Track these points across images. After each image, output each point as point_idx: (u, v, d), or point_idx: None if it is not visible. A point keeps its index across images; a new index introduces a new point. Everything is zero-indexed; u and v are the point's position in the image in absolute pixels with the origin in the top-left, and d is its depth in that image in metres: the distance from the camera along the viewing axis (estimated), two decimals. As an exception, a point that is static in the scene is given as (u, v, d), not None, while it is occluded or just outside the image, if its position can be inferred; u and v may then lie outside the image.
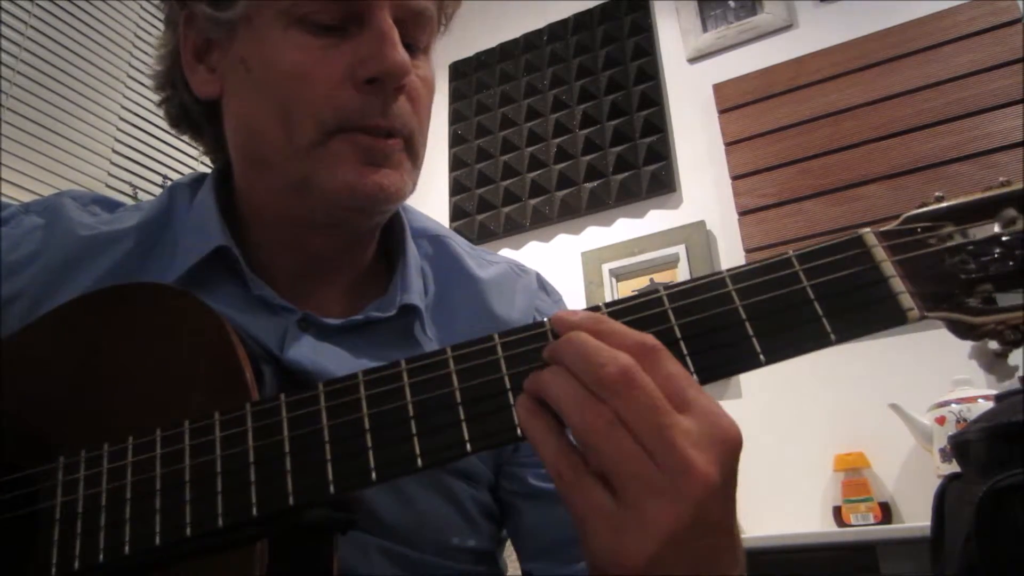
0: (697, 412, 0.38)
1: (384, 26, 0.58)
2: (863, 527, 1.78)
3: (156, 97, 0.71)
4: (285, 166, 0.59)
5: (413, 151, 0.63)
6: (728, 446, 0.38)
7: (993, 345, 0.37)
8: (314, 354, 0.59)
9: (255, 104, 0.60)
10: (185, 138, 0.74)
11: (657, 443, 0.37)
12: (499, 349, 0.43)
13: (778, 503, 2.00)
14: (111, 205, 0.71)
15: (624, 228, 2.55)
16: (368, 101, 0.58)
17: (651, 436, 0.37)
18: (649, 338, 0.40)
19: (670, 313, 0.43)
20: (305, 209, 0.61)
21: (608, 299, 2.45)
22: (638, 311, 0.43)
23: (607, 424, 0.38)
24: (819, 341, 0.41)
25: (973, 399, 1.74)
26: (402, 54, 0.58)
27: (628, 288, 2.46)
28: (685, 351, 0.42)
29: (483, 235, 2.74)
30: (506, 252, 2.68)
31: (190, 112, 0.69)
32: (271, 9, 0.59)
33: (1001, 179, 0.39)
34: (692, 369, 0.41)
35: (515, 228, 2.71)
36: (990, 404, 1.66)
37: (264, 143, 0.60)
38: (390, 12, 0.59)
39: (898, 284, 0.41)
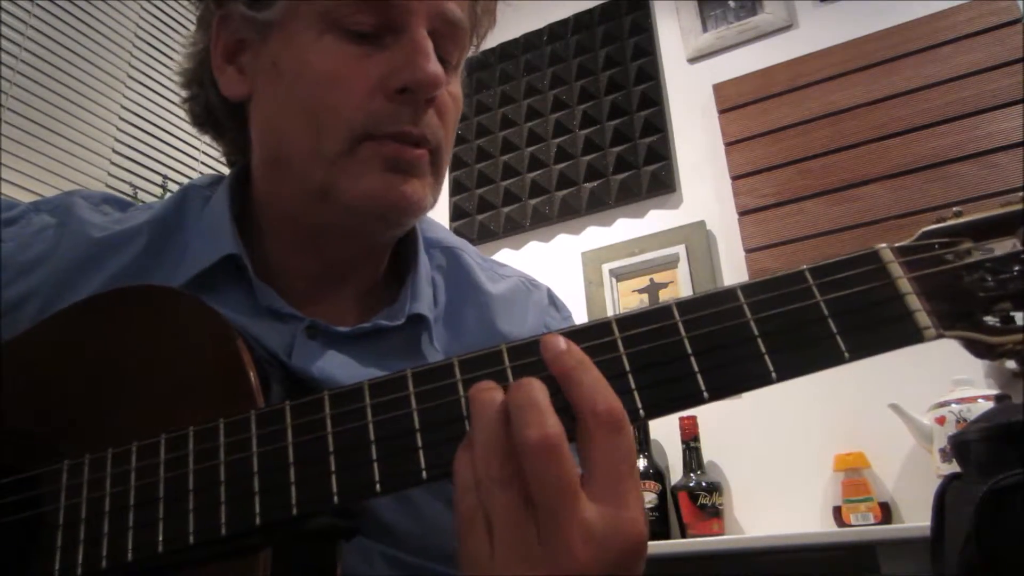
0: (611, 505, 0.37)
1: (419, 37, 0.58)
2: (863, 527, 1.78)
3: (157, 96, 0.71)
4: (310, 171, 0.59)
5: (437, 165, 0.63)
6: (624, 552, 0.37)
7: (1011, 364, 0.37)
8: (321, 361, 0.58)
9: (284, 107, 0.60)
10: (186, 138, 0.74)
11: (547, 519, 0.36)
12: (506, 359, 0.43)
13: (778, 503, 2.00)
14: (123, 205, 0.71)
15: (624, 228, 2.55)
16: (398, 110, 0.58)
17: (545, 510, 0.37)
18: (616, 411, 0.39)
19: (680, 327, 0.42)
20: (326, 216, 0.61)
21: (608, 299, 2.45)
22: (648, 323, 0.43)
23: (504, 477, 0.38)
24: (833, 359, 0.40)
25: (973, 399, 1.74)
26: (436, 66, 0.58)
27: (628, 288, 2.45)
28: (696, 368, 0.41)
29: (483, 235, 2.74)
30: (506, 252, 2.68)
31: (215, 112, 0.68)
32: (308, 13, 0.59)
33: (1021, 194, 0.39)
34: (703, 386, 0.41)
35: (515, 228, 2.71)
36: (990, 404, 1.66)
37: (290, 147, 0.60)
38: (426, 24, 0.59)
39: (914, 302, 0.40)
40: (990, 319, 0.38)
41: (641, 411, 0.41)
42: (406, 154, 0.59)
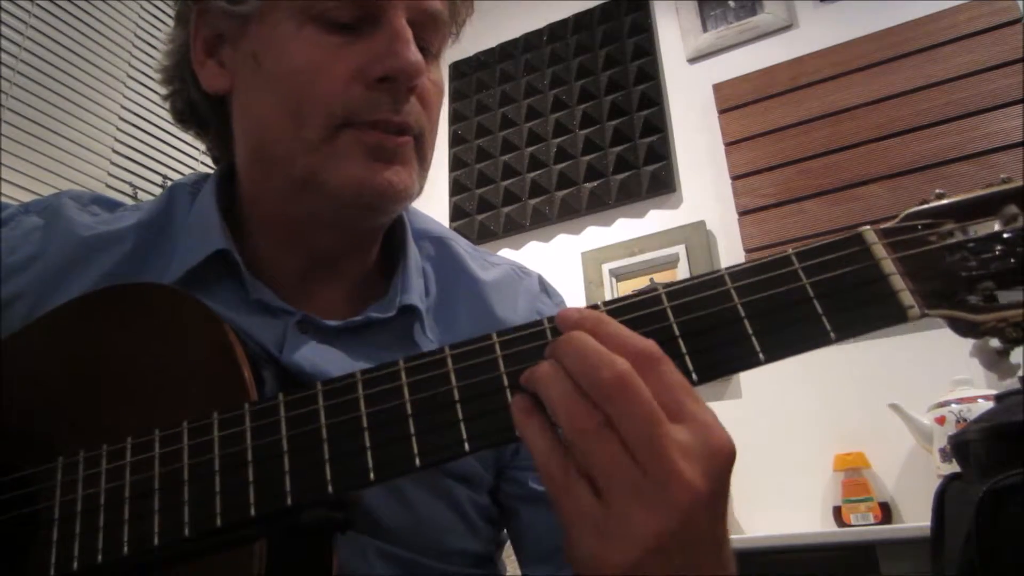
0: (692, 423, 0.38)
1: (399, 26, 0.58)
2: (863, 527, 1.78)
3: (156, 96, 0.71)
4: (293, 161, 0.59)
5: (422, 152, 0.63)
6: (720, 459, 0.37)
7: (994, 343, 0.37)
8: (313, 356, 0.58)
9: (265, 99, 0.60)
10: (186, 138, 0.74)
11: (646, 451, 0.37)
12: (497, 348, 0.43)
13: (778, 503, 2.00)
14: (111, 205, 0.71)
15: (624, 228, 2.55)
16: (379, 98, 0.58)
17: (641, 444, 0.37)
18: (651, 345, 0.39)
19: (668, 311, 0.42)
20: (311, 207, 0.61)
21: (608, 298, 2.47)
22: (636, 309, 0.43)
23: (596, 427, 0.38)
24: (819, 340, 0.40)
25: (973, 399, 1.74)
26: (416, 54, 0.58)
27: (628, 288, 2.45)
28: (684, 350, 0.41)
29: (483, 235, 2.74)
30: (506, 252, 2.68)
31: (197, 107, 0.68)
32: (286, 5, 0.59)
33: (1002, 176, 0.39)
34: (691, 368, 0.41)
35: (515, 228, 2.71)
36: (990, 404, 1.66)
37: (273, 138, 0.60)
38: (405, 14, 0.59)
39: (898, 282, 0.40)
40: (973, 298, 0.39)
41: None
42: (388, 142, 0.59)
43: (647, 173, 2.54)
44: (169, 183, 2.38)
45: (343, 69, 0.58)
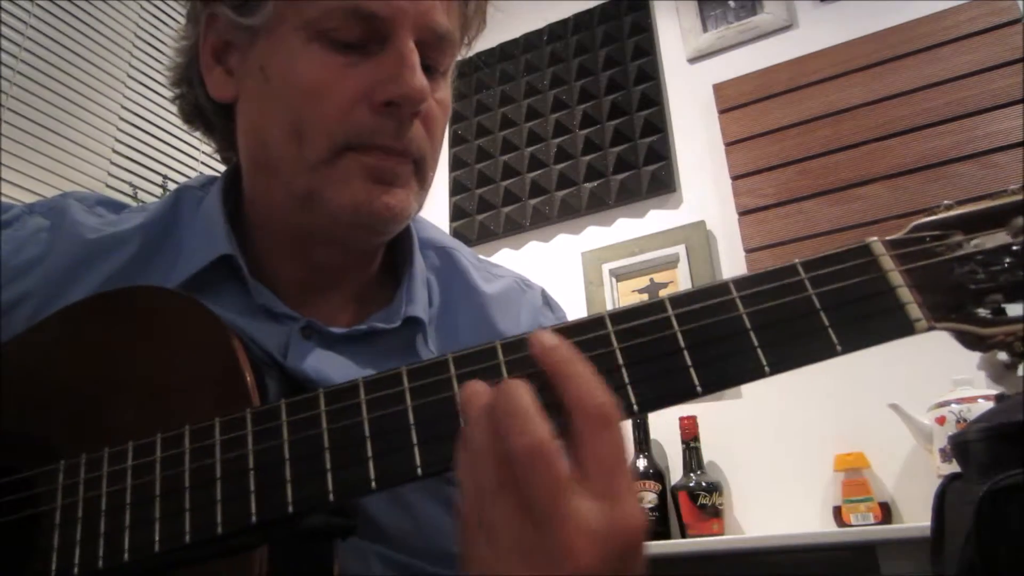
0: (605, 500, 0.37)
1: (405, 50, 0.58)
2: (863, 527, 1.78)
3: (157, 96, 0.71)
4: (293, 179, 0.59)
5: (422, 173, 0.63)
6: (621, 541, 0.37)
7: (1002, 356, 0.37)
8: (317, 362, 0.59)
9: (269, 114, 0.60)
10: (186, 138, 0.74)
11: (545, 521, 0.36)
12: (500, 355, 0.43)
13: (778, 503, 2.00)
14: (116, 207, 0.71)
15: (624, 228, 2.55)
16: (382, 123, 0.58)
17: (542, 512, 0.36)
18: (608, 406, 0.38)
19: (673, 320, 0.42)
20: (312, 221, 0.61)
21: (608, 298, 2.46)
22: (641, 316, 0.43)
23: (496, 488, 0.37)
24: (825, 352, 0.40)
25: (973, 399, 1.73)
26: (421, 80, 0.57)
27: (628, 288, 2.45)
28: (689, 362, 0.41)
29: (483, 235, 2.74)
30: (506, 252, 2.68)
31: (204, 111, 0.68)
32: (294, 21, 0.58)
33: (1011, 187, 0.39)
34: (696, 381, 0.41)
35: (515, 228, 2.71)
36: (990, 404, 1.66)
37: (275, 153, 0.60)
38: (413, 35, 0.58)
39: (906, 294, 0.40)
40: (981, 311, 0.38)
41: (635, 406, 0.41)
42: (388, 164, 0.59)
43: (647, 173, 2.53)
44: (169, 183, 2.39)
45: (347, 91, 0.57)
